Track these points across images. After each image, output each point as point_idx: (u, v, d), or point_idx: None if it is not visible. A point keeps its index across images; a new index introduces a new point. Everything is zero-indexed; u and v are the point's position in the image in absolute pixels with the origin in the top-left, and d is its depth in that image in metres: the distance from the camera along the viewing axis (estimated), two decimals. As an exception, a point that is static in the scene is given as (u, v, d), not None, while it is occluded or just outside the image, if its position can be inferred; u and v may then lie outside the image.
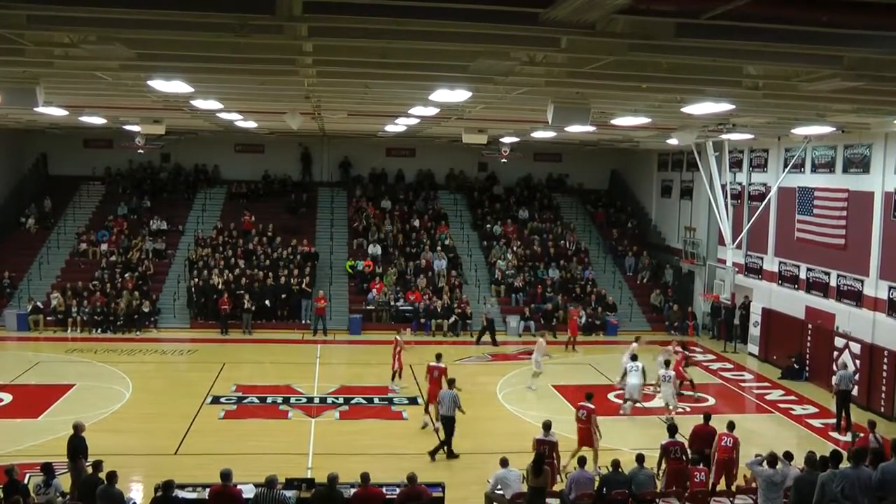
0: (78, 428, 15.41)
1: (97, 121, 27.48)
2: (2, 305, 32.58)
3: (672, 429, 16.05)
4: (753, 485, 14.32)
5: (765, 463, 13.72)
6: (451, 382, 18.97)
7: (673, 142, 29.06)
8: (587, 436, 17.36)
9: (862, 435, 17.27)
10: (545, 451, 15.16)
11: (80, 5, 9.67)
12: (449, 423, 18.48)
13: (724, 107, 17.40)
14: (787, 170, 28.17)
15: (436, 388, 19.98)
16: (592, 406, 17.61)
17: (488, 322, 31.70)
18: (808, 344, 26.93)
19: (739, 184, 32.00)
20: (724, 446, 16.07)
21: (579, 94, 15.86)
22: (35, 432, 19.20)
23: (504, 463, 14.59)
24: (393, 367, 24.00)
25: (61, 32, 11.33)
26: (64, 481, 14.16)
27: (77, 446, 15.01)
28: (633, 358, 22.54)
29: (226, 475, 12.94)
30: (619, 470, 14.49)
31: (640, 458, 14.77)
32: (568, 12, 8.80)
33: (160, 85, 15.96)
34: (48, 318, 31.77)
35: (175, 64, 13.88)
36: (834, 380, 22.12)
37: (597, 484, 14.29)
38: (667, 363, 22.11)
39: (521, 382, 25.38)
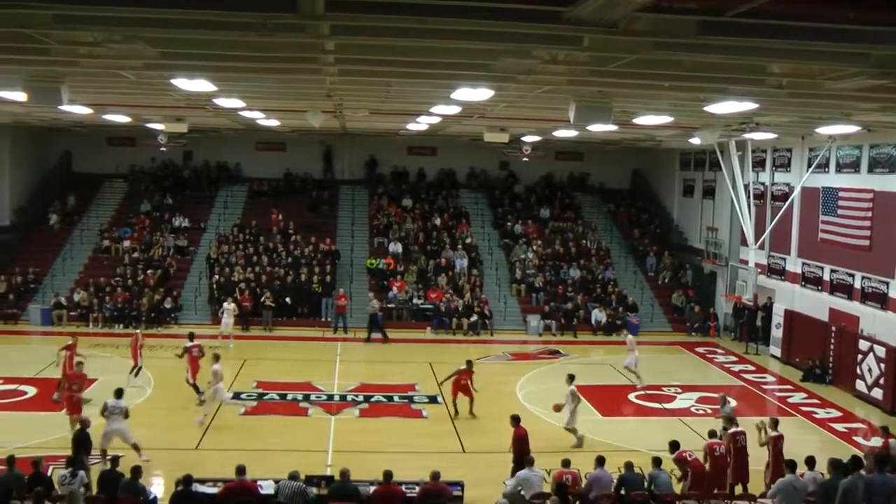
0: (84, 423, 15.68)
1: (121, 119, 27.70)
2: (26, 300, 32.90)
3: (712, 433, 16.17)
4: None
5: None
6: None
7: (695, 141, 28.91)
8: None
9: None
10: (568, 481, 14.69)
11: (104, 5, 9.75)
12: None
13: (747, 106, 17.31)
14: (811, 169, 27.95)
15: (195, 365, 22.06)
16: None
17: (372, 318, 31.64)
18: (832, 347, 26.65)
19: (762, 184, 31.78)
20: (716, 456, 15.39)
21: (601, 92, 15.81)
22: (58, 425, 19.35)
23: (530, 463, 14.53)
24: (135, 363, 23.62)
25: (86, 32, 11.43)
26: (92, 473, 14.33)
27: (83, 441, 15.27)
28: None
29: (240, 469, 13.39)
30: (637, 471, 14.44)
31: (657, 461, 14.70)
32: (590, 11, 8.80)
33: (183, 83, 16.07)
34: (71, 314, 32.07)
35: (198, 63, 13.98)
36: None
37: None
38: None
39: (540, 382, 25.34)
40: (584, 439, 19.04)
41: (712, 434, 16.04)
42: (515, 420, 16.71)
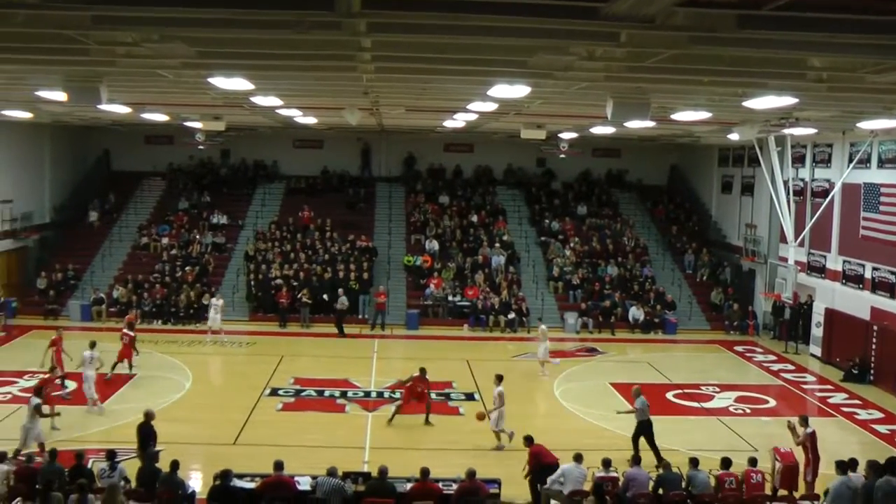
0: (149, 416, 15.88)
1: (159, 118, 27.97)
2: (66, 297, 33.41)
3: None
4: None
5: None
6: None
7: (734, 137, 28.54)
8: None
9: None
10: (608, 487, 14.20)
11: (142, 5, 9.84)
12: None
13: (786, 100, 17.04)
14: (851, 165, 27.49)
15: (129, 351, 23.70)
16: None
17: (339, 313, 31.78)
18: (874, 346, 26.20)
19: (802, 180, 31.32)
20: (753, 483, 14.69)
21: (639, 88, 15.67)
22: (99, 419, 19.68)
23: (578, 458, 14.40)
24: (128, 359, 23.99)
25: (124, 32, 11.54)
26: (131, 466, 14.52)
27: (147, 433, 15.48)
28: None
29: (278, 465, 13.56)
30: (675, 470, 14.30)
31: (694, 461, 14.55)
32: (628, 6, 8.73)
33: (220, 82, 16.18)
34: (110, 310, 32.51)
35: (235, 61, 14.06)
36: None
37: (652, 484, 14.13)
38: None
39: (578, 379, 25.24)
40: (513, 436, 18.39)
41: (753, 462, 15.07)
42: (528, 441, 16.38)
